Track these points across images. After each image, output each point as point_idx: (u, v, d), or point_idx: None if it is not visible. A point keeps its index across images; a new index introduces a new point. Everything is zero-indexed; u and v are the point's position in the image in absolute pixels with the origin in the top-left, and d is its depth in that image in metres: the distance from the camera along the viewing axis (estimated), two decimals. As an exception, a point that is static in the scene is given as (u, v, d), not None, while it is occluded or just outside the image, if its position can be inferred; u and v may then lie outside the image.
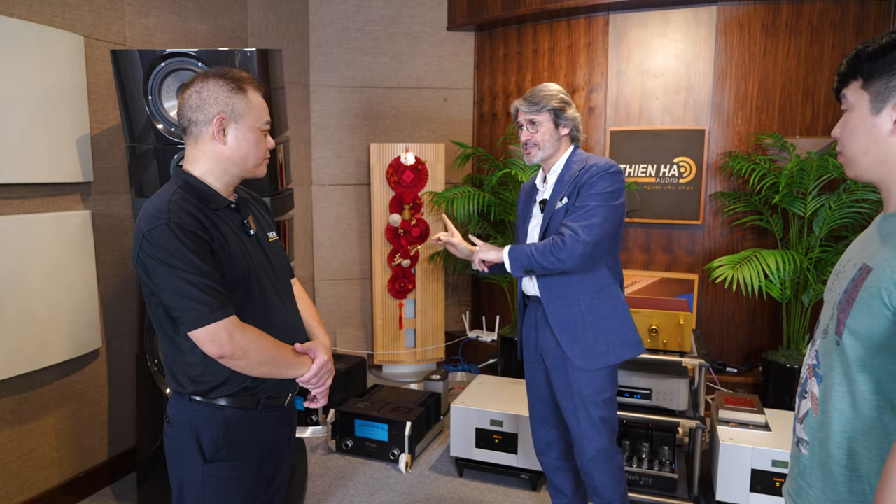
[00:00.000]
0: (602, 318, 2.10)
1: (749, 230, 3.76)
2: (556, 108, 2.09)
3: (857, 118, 1.03)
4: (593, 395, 2.11)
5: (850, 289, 0.99)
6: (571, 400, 2.14)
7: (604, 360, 2.09)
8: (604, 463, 2.16)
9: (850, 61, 1.04)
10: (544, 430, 2.32)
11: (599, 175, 2.03)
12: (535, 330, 2.23)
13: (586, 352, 2.08)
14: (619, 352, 2.11)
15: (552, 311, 2.11)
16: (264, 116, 1.49)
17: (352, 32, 4.41)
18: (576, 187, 2.06)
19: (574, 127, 2.15)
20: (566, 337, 2.09)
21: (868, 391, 0.96)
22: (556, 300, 2.11)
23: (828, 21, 3.52)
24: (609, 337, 2.10)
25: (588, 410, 2.12)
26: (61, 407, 2.70)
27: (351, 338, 4.66)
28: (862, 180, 1.06)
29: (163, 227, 1.33)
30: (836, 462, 1.01)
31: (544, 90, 2.12)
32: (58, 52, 2.53)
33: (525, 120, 2.13)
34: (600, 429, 2.14)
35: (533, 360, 2.28)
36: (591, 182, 2.03)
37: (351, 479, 3.04)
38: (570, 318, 2.09)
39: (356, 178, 4.55)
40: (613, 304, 2.13)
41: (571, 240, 1.96)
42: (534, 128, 2.12)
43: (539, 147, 2.12)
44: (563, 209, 2.08)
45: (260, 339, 1.41)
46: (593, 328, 2.09)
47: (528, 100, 2.12)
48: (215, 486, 1.46)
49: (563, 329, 2.10)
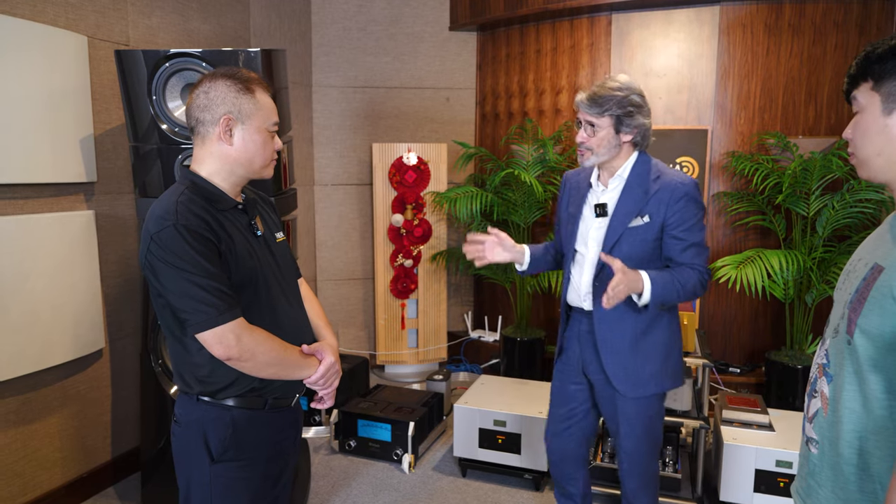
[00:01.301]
0: (653, 346, 1.97)
1: (752, 230, 3.76)
2: (620, 116, 1.87)
3: (868, 119, 1.03)
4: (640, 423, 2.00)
5: (862, 288, 0.98)
6: (619, 426, 2.03)
7: (645, 389, 1.97)
8: (646, 488, 2.10)
9: (859, 63, 1.03)
10: (562, 444, 2.17)
11: (689, 200, 1.88)
12: (579, 342, 2.06)
13: (630, 379, 1.96)
14: (664, 382, 2.00)
15: (604, 335, 1.96)
16: (272, 117, 1.48)
17: (354, 32, 4.41)
18: (659, 206, 1.89)
19: (640, 134, 1.92)
20: (613, 360, 1.96)
21: (879, 390, 0.96)
22: (610, 323, 1.95)
23: (831, 21, 3.52)
24: (657, 366, 1.97)
25: (636, 439, 2.01)
26: (65, 407, 2.70)
27: (353, 338, 4.66)
28: (875, 181, 1.06)
29: (170, 228, 1.33)
30: (846, 461, 1.01)
31: (610, 87, 1.87)
32: (61, 52, 2.53)
33: (584, 119, 1.91)
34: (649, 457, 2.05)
35: (569, 371, 2.11)
36: (684, 209, 1.87)
37: (354, 480, 3.04)
38: (621, 343, 1.95)
39: (358, 178, 4.54)
40: (667, 331, 2.00)
41: (701, 283, 1.86)
42: (591, 130, 1.90)
43: (593, 152, 1.92)
44: (642, 229, 1.90)
45: (267, 341, 1.41)
46: (643, 356, 1.96)
47: (591, 98, 1.88)
48: (222, 486, 1.46)
49: (612, 353, 1.96)
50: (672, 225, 1.89)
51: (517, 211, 3.96)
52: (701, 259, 1.90)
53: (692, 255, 1.89)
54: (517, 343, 3.93)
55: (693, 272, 1.87)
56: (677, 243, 1.89)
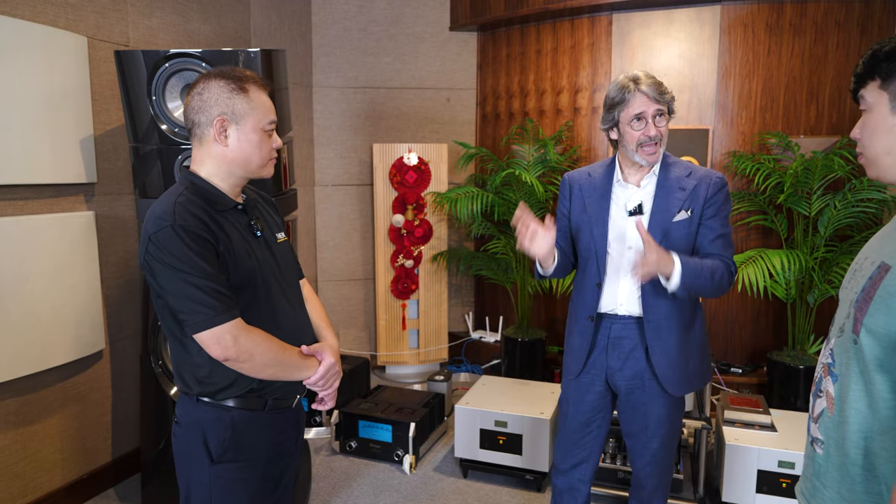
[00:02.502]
0: (694, 342, 1.98)
1: (753, 230, 3.75)
2: (672, 106, 1.87)
3: (877, 118, 1.02)
4: (666, 421, 1.99)
5: (868, 287, 0.98)
6: (643, 429, 2.00)
7: (690, 386, 1.97)
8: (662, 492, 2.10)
9: (866, 62, 1.02)
10: (575, 453, 2.10)
11: (724, 193, 1.90)
12: (604, 349, 1.99)
13: (678, 377, 1.94)
14: (704, 378, 2.02)
15: (655, 334, 1.92)
16: (268, 116, 1.47)
17: (354, 33, 4.41)
18: (697, 199, 1.88)
19: None
20: (663, 361, 1.92)
21: (886, 390, 0.95)
22: (661, 321, 1.92)
23: (832, 20, 3.51)
24: (696, 363, 1.98)
25: (663, 439, 2.00)
26: (65, 408, 2.70)
27: (354, 338, 4.66)
28: (884, 181, 1.05)
29: (168, 229, 1.32)
30: (852, 462, 1.00)
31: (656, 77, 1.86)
32: (61, 52, 2.52)
33: (654, 110, 1.83)
34: (667, 462, 2.05)
35: (590, 381, 2.03)
36: (721, 202, 1.88)
37: (355, 481, 3.03)
38: (671, 342, 1.92)
39: (359, 178, 4.54)
40: (702, 327, 2.02)
41: (730, 275, 1.84)
42: (662, 120, 1.85)
43: (663, 144, 1.87)
44: (685, 223, 1.88)
45: (265, 342, 1.40)
46: (686, 353, 1.95)
47: (657, 87, 1.83)
48: (222, 487, 1.46)
49: (662, 353, 1.92)
50: (707, 215, 1.89)
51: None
52: (729, 252, 1.90)
53: (721, 246, 1.89)
54: (518, 344, 3.92)
55: (721, 263, 1.85)
56: (708, 233, 1.89)
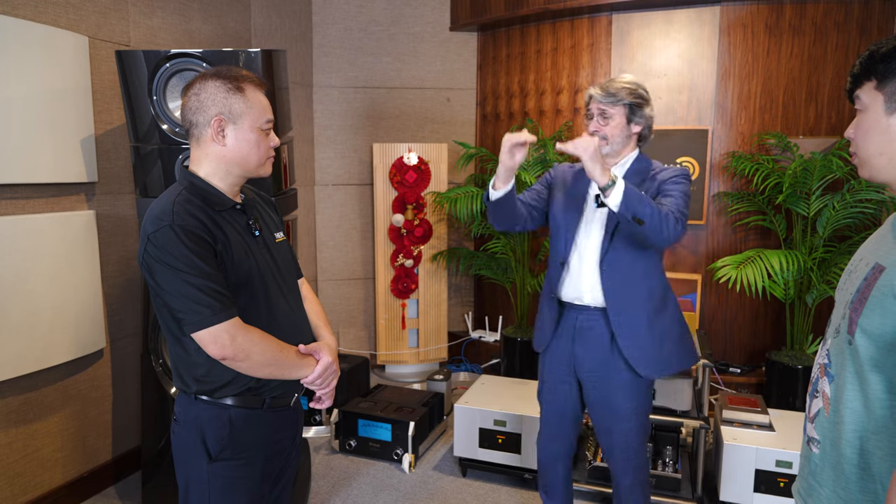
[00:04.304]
0: (668, 326, 2.03)
1: (752, 230, 3.75)
2: (632, 104, 1.98)
3: (871, 119, 1.03)
4: (634, 409, 2.04)
5: (863, 288, 0.98)
6: (611, 417, 2.05)
7: (668, 368, 2.03)
8: (640, 485, 2.12)
9: (863, 62, 1.03)
10: (555, 444, 2.21)
11: (684, 177, 1.98)
12: (571, 340, 2.08)
13: (651, 360, 1.99)
14: (683, 360, 2.06)
15: (619, 319, 1.99)
16: (265, 115, 1.47)
17: (355, 33, 4.42)
18: (653, 185, 1.98)
19: (647, 126, 2.04)
20: (632, 345, 1.98)
21: (881, 390, 0.96)
22: (623, 306, 1.99)
23: (831, 21, 3.52)
24: (672, 346, 2.03)
25: (630, 423, 2.04)
26: (65, 407, 2.71)
27: (354, 338, 4.66)
28: (876, 181, 1.06)
29: (166, 229, 1.33)
30: (847, 461, 1.01)
31: (622, 80, 2.00)
32: (62, 52, 2.53)
33: (597, 109, 2.00)
34: (639, 452, 2.08)
35: (559, 370, 2.13)
36: (675, 180, 1.97)
37: (354, 479, 3.04)
38: (638, 327, 1.99)
39: (359, 178, 4.55)
40: (676, 311, 2.07)
41: (675, 220, 1.85)
42: (605, 120, 1.99)
43: (607, 141, 2.00)
44: None
45: (263, 341, 1.41)
46: (660, 336, 2.01)
47: (604, 89, 1.99)
48: (221, 485, 1.46)
49: (630, 337, 1.98)
50: (664, 189, 1.96)
51: (518, 211, 3.96)
52: (680, 209, 1.89)
53: (672, 202, 1.91)
54: (517, 343, 3.93)
55: (669, 209, 1.87)
56: (663, 198, 1.94)
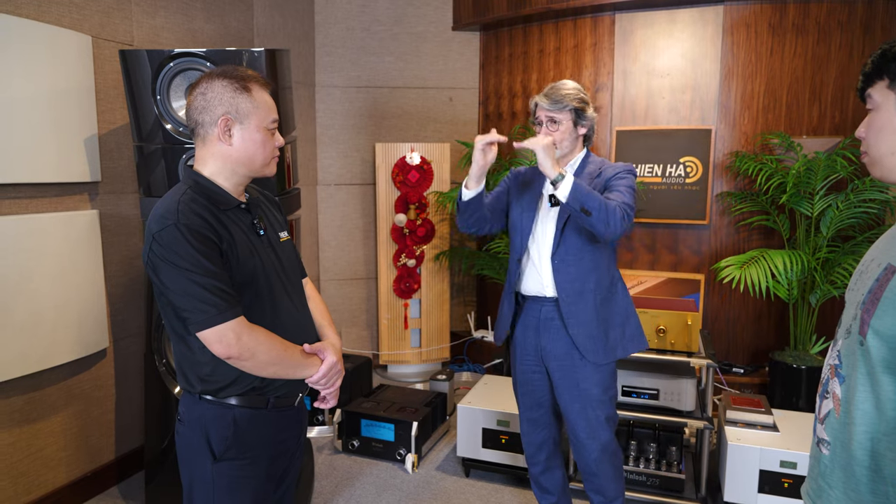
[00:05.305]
0: (612, 314, 2.14)
1: (756, 230, 3.75)
2: (577, 108, 2.09)
3: (883, 118, 1.02)
4: (601, 394, 2.13)
5: (875, 288, 0.98)
6: (579, 399, 2.14)
7: (613, 354, 2.12)
8: (609, 462, 2.19)
9: (875, 61, 1.02)
10: (536, 432, 2.31)
11: (626, 171, 2.08)
12: (536, 331, 2.19)
13: (598, 347, 2.10)
14: (627, 346, 2.15)
15: (569, 309, 2.09)
16: (271, 115, 1.48)
17: (357, 32, 4.42)
18: (600, 181, 2.07)
19: (591, 128, 2.15)
20: (581, 332, 2.09)
21: (893, 392, 0.95)
22: (573, 297, 2.09)
23: (835, 20, 3.51)
24: (617, 332, 2.14)
25: (595, 409, 2.13)
26: (69, 406, 2.71)
27: (356, 338, 4.66)
28: (887, 181, 1.05)
29: (171, 228, 1.33)
30: (858, 463, 1.00)
31: (565, 88, 2.10)
32: (66, 51, 2.53)
33: (545, 117, 2.11)
34: (606, 427, 2.16)
35: (529, 361, 2.24)
36: (619, 175, 2.06)
37: (357, 479, 3.04)
38: (586, 315, 2.09)
39: (361, 177, 4.55)
40: (623, 300, 2.17)
41: (622, 212, 1.92)
42: (554, 126, 2.10)
43: (557, 146, 2.09)
44: None
45: (268, 340, 1.41)
46: (605, 324, 2.11)
47: (549, 97, 2.09)
48: (225, 485, 1.46)
49: (578, 325, 2.09)
50: (611, 185, 2.05)
51: (520, 211, 3.95)
52: (627, 202, 1.96)
53: (619, 196, 1.99)
54: (520, 343, 3.92)
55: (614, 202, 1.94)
56: (609, 193, 2.02)
